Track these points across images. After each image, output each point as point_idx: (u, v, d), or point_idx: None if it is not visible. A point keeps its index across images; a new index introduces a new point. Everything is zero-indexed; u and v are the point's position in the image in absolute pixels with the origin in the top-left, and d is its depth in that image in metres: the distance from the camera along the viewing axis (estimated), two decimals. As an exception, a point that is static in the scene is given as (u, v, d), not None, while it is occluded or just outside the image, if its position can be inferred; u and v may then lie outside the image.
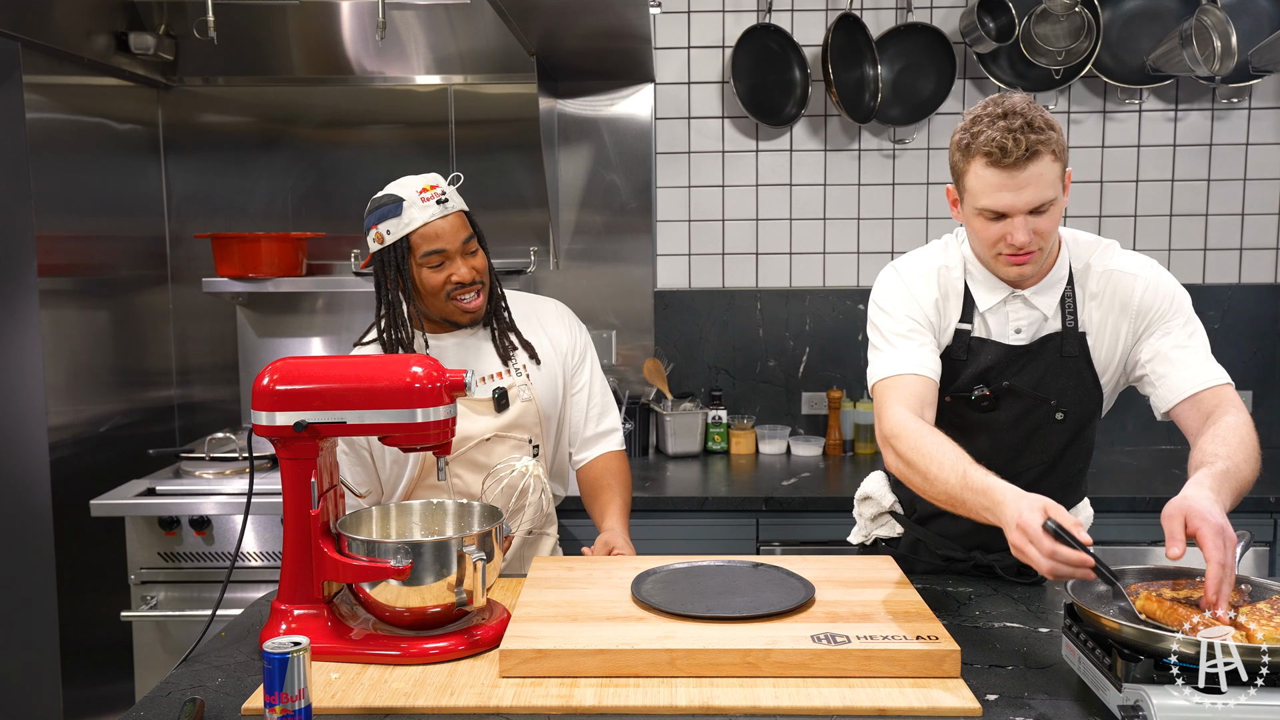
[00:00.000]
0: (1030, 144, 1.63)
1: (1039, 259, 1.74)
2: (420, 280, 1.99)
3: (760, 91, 3.36)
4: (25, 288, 2.75)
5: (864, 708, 1.37)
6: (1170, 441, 3.42)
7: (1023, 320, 1.83)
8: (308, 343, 3.48)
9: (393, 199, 1.99)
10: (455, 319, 2.03)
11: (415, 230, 1.96)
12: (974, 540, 1.94)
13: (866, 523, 2.11)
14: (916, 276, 1.87)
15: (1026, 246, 1.69)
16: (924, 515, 2.00)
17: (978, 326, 1.85)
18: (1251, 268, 3.42)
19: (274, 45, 3.32)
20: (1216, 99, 3.36)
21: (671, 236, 3.49)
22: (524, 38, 2.88)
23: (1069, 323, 1.82)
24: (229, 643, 1.68)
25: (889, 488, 2.08)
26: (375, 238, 2.00)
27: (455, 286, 1.99)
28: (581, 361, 2.21)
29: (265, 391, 1.57)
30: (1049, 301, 1.82)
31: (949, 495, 1.60)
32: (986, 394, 1.83)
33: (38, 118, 2.78)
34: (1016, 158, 1.63)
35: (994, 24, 3.23)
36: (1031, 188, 1.65)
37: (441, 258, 1.97)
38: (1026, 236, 1.68)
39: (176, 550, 2.78)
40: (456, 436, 1.93)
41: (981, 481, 1.55)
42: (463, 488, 2.03)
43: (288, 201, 3.43)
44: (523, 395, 2.06)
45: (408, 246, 1.97)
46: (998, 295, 1.83)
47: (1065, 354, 1.82)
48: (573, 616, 1.60)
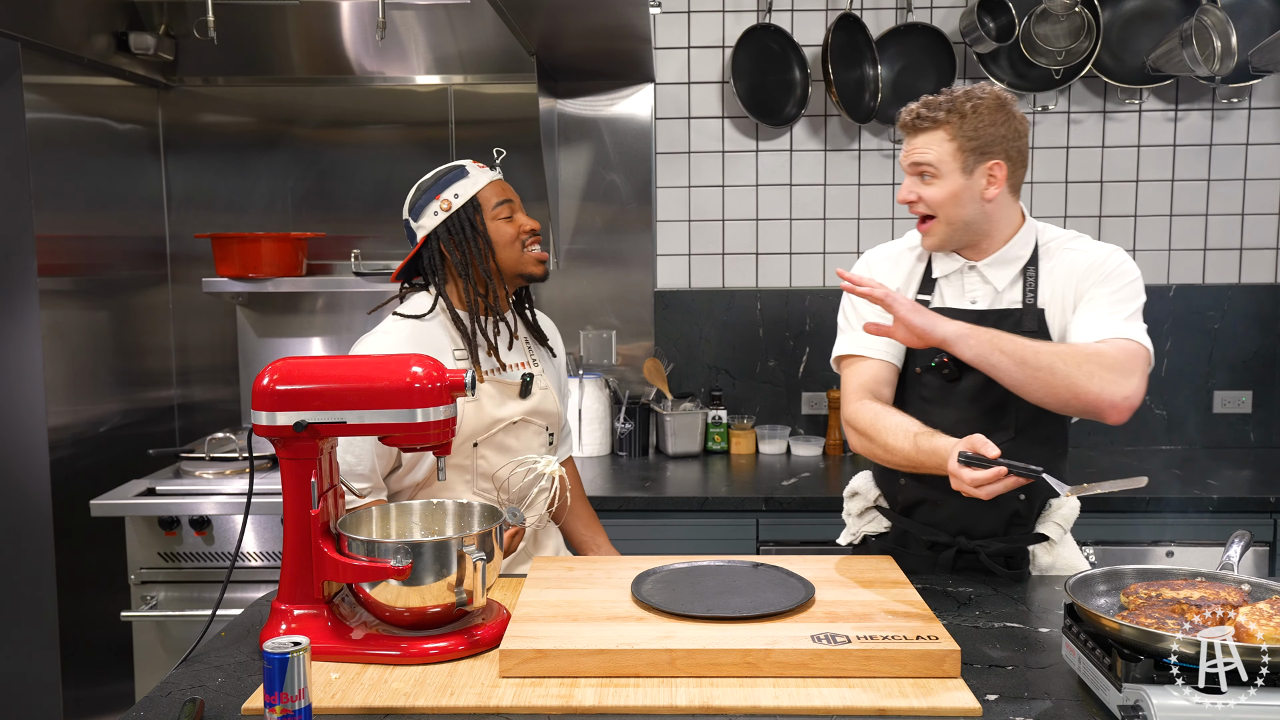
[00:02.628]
0: (916, 114, 1.89)
1: (938, 231, 1.92)
2: (494, 233, 2.08)
3: (760, 91, 3.36)
4: (25, 288, 2.75)
5: (864, 708, 1.37)
6: (1170, 441, 3.42)
7: (977, 292, 1.95)
8: (308, 343, 3.48)
9: (455, 167, 2.11)
10: (530, 270, 2.12)
11: (484, 187, 2.08)
12: (956, 526, 1.97)
13: (854, 520, 2.14)
14: (880, 261, 2.05)
15: (911, 205, 1.92)
16: (906, 505, 2.03)
17: (936, 298, 1.98)
18: (1251, 268, 3.42)
19: (274, 45, 3.32)
20: (1216, 99, 3.36)
21: (671, 236, 3.49)
22: (524, 38, 2.88)
23: (1029, 299, 1.92)
24: (229, 643, 1.68)
25: (874, 483, 2.12)
26: (441, 205, 2.06)
27: (528, 234, 2.10)
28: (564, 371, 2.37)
29: (265, 391, 1.57)
30: (1002, 276, 1.94)
31: (908, 460, 1.80)
32: (945, 360, 1.90)
33: (38, 118, 2.78)
34: (905, 124, 1.92)
35: (994, 24, 3.23)
36: (916, 153, 1.89)
37: (511, 209, 2.10)
38: (905, 193, 1.92)
39: (176, 550, 2.78)
40: (487, 419, 2.03)
41: (929, 443, 1.75)
42: (487, 469, 2.06)
43: (288, 201, 3.43)
44: (541, 384, 2.15)
45: (477, 205, 2.07)
46: (953, 265, 1.97)
47: (1025, 329, 1.88)
48: (573, 616, 1.60)
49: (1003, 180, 1.88)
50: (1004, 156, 1.87)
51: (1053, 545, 1.97)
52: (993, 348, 1.73)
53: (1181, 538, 2.79)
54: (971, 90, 1.89)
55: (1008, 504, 1.91)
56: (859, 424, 1.90)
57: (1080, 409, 1.77)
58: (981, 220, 1.90)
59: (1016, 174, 1.91)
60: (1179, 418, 3.41)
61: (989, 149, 1.86)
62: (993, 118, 1.86)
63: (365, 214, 3.41)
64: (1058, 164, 3.41)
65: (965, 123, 1.85)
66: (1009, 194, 1.91)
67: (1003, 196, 1.90)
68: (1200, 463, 3.20)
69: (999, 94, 1.90)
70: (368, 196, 3.42)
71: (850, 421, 1.93)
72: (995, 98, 1.89)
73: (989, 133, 1.86)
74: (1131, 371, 1.75)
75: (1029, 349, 1.74)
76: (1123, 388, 1.73)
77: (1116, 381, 1.73)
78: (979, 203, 1.88)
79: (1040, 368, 1.72)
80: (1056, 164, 3.41)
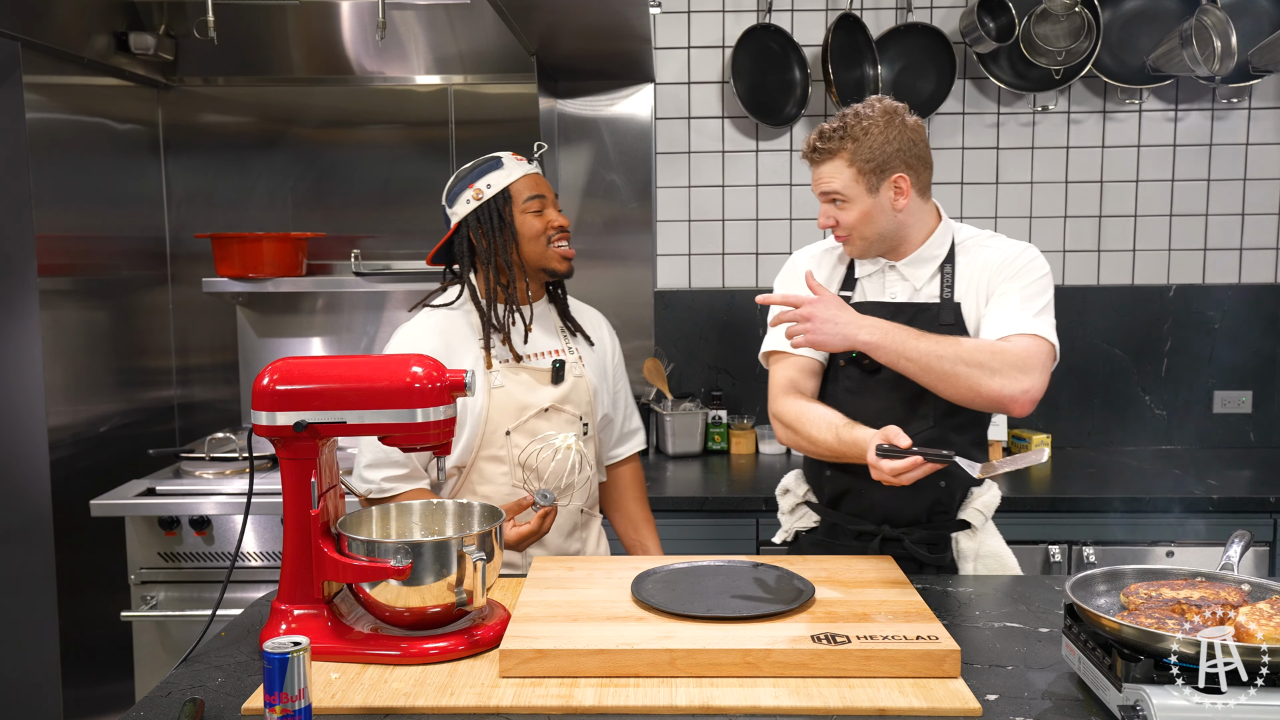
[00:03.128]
0: (816, 148, 1.97)
1: (856, 244, 2.00)
2: (522, 226, 2.09)
3: (760, 91, 3.36)
4: (25, 288, 2.75)
5: (864, 708, 1.37)
6: (1170, 441, 3.42)
7: (896, 288, 2.03)
8: (308, 343, 3.48)
9: (492, 158, 2.12)
10: (554, 266, 2.14)
11: (516, 180, 2.10)
12: (880, 515, 2.02)
13: (786, 518, 2.19)
14: (805, 260, 2.13)
15: (830, 229, 1.99)
16: (833, 496, 2.08)
17: (858, 294, 2.06)
18: (1251, 268, 3.42)
19: (274, 45, 3.32)
20: (1216, 99, 3.36)
21: (671, 236, 3.49)
22: (524, 38, 2.88)
23: (946, 294, 2.00)
24: (229, 643, 1.68)
25: (802, 479, 2.18)
26: (473, 195, 2.09)
27: (556, 231, 2.12)
28: (620, 366, 2.35)
29: (265, 391, 1.57)
30: (920, 274, 2.02)
31: (832, 451, 1.89)
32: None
33: (38, 118, 2.78)
34: (809, 154, 1.99)
35: (994, 24, 3.23)
36: (823, 182, 1.97)
37: (541, 204, 2.11)
38: (823, 219, 1.99)
39: (176, 550, 2.78)
40: (517, 406, 2.05)
41: (850, 434, 1.84)
42: (520, 456, 2.07)
43: (288, 201, 3.43)
44: (575, 371, 2.16)
45: (508, 197, 2.09)
46: (875, 266, 2.06)
47: (943, 322, 1.97)
48: (573, 616, 1.60)
49: (909, 190, 1.95)
50: (905, 168, 1.94)
51: (975, 532, 2.04)
52: (900, 355, 1.84)
53: (1181, 538, 2.79)
54: (860, 111, 1.95)
55: (929, 492, 1.98)
56: (785, 417, 1.99)
57: (985, 405, 1.86)
58: (896, 229, 1.98)
59: (922, 178, 1.98)
60: (1179, 418, 3.41)
61: (888, 165, 1.93)
62: (885, 135, 1.92)
63: (365, 214, 3.41)
64: (1058, 164, 3.41)
65: (859, 147, 1.92)
66: (918, 199, 1.99)
67: (913, 203, 1.97)
68: (1200, 463, 3.20)
69: (888, 107, 1.96)
70: (368, 196, 3.41)
71: (777, 415, 2.02)
72: (884, 113, 1.94)
73: (884, 151, 1.92)
74: (1032, 367, 1.84)
75: (933, 354, 1.82)
76: (1021, 383, 1.82)
77: (1016, 378, 1.82)
78: (890, 214, 1.96)
79: (944, 373, 1.82)
80: (1056, 164, 3.41)
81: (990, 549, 2.05)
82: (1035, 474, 3.08)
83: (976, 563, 2.03)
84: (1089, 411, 3.42)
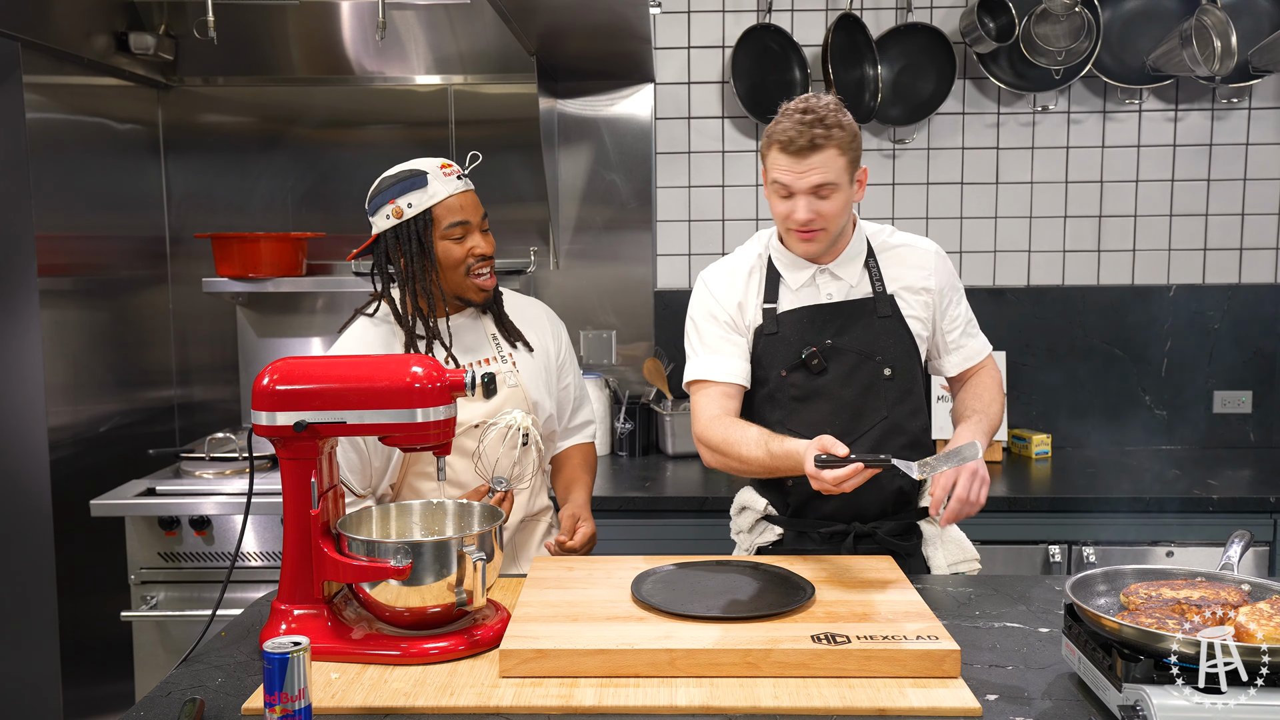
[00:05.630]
0: (814, 137, 1.88)
1: (824, 239, 1.96)
2: (442, 253, 2.00)
3: (760, 91, 3.36)
4: (25, 288, 2.75)
5: (864, 708, 1.37)
6: (1170, 441, 3.42)
7: (832, 288, 2.04)
8: (308, 343, 3.48)
9: (415, 172, 2.00)
10: (470, 295, 2.05)
11: (440, 202, 1.99)
12: (850, 513, 2.03)
13: (746, 536, 2.15)
14: (718, 281, 2.09)
15: (809, 225, 1.92)
16: (798, 505, 2.07)
17: (786, 301, 2.04)
18: (1251, 268, 3.42)
19: (274, 45, 3.32)
20: (1216, 99, 3.36)
21: (671, 236, 3.49)
22: (524, 38, 2.88)
23: (878, 287, 2.04)
24: (229, 643, 1.68)
25: (757, 493, 2.14)
26: (393, 212, 1.99)
27: (476, 260, 2.02)
28: (566, 361, 2.26)
29: (265, 391, 1.57)
30: (851, 271, 2.04)
31: (764, 467, 1.89)
32: (814, 350, 1.98)
33: (38, 118, 2.78)
34: (801, 145, 1.88)
35: (994, 24, 3.23)
36: (814, 172, 1.89)
37: (464, 230, 2.00)
38: (807, 214, 1.91)
39: (176, 550, 2.78)
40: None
41: (780, 448, 1.84)
42: (453, 477, 2.02)
43: (288, 201, 3.43)
44: (509, 381, 2.08)
45: (429, 220, 1.99)
46: (805, 273, 2.04)
47: (880, 314, 2.02)
48: (573, 616, 1.60)
49: (864, 183, 1.99)
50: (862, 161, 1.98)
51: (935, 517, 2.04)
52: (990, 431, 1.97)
53: (1181, 538, 2.79)
54: (826, 101, 1.93)
55: (891, 483, 2.01)
56: (712, 441, 1.97)
57: None
58: (846, 224, 2.02)
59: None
60: (1179, 418, 3.41)
61: (858, 157, 1.96)
62: (853, 126, 1.94)
63: (365, 214, 3.40)
64: (1058, 164, 3.41)
65: (846, 135, 1.91)
66: None
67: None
68: (1200, 463, 3.20)
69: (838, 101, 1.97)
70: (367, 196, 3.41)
71: (703, 439, 2.00)
72: (840, 105, 1.95)
73: (857, 141, 1.95)
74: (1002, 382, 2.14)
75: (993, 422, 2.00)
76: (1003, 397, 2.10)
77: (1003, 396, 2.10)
78: (850, 208, 2.00)
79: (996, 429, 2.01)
80: (1056, 164, 3.41)
81: (951, 535, 2.08)
82: (1035, 474, 3.08)
83: (943, 548, 2.06)
84: (1089, 411, 3.42)
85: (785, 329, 2.03)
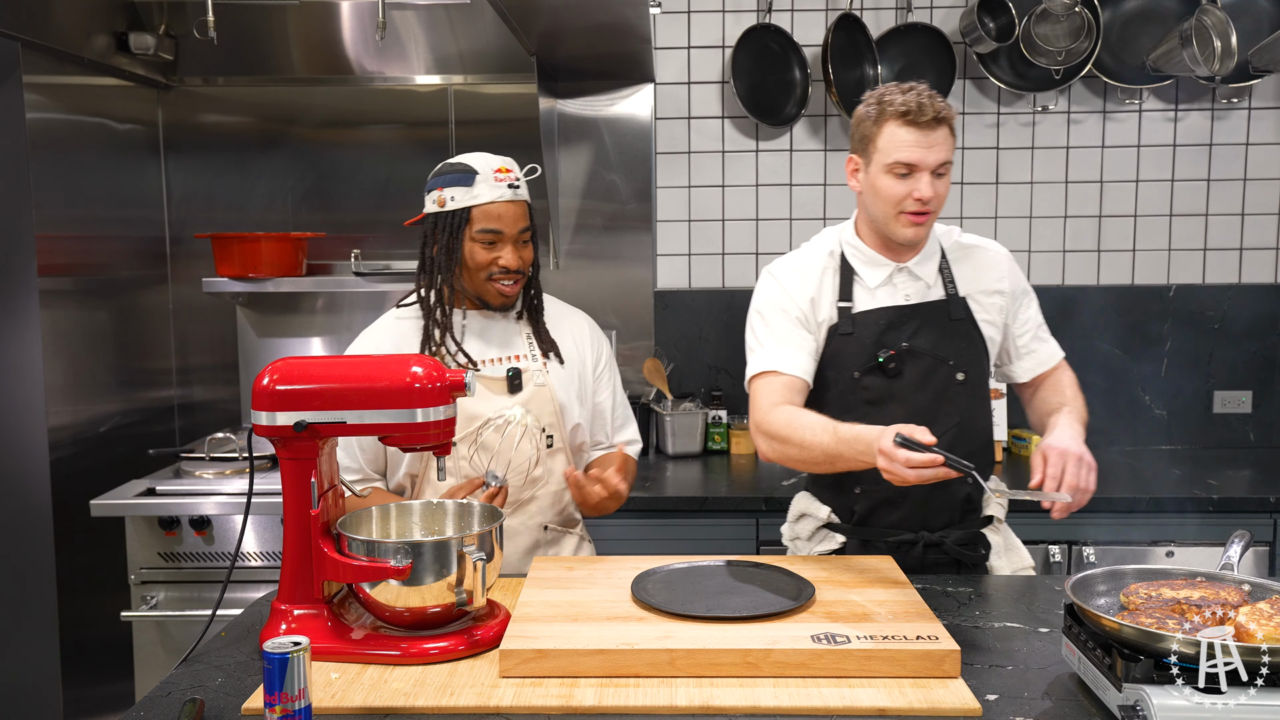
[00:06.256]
0: (939, 109, 1.85)
1: (930, 223, 1.94)
2: (468, 254, 2.01)
3: (760, 91, 3.36)
4: (25, 288, 2.75)
5: (864, 708, 1.37)
6: (1170, 441, 3.42)
7: (909, 289, 2.00)
8: (308, 343, 3.48)
9: (467, 169, 2.01)
10: (489, 299, 2.05)
11: (479, 205, 1.99)
12: (917, 521, 2.00)
13: (804, 544, 2.11)
14: (789, 276, 2.03)
15: (928, 204, 1.88)
16: (864, 514, 2.03)
17: (862, 301, 2.00)
18: (1251, 268, 3.42)
19: (274, 45, 3.32)
20: (1216, 99, 3.36)
21: (671, 236, 3.49)
22: (524, 38, 2.88)
23: (950, 290, 2.01)
24: (229, 643, 1.68)
25: (819, 501, 2.10)
26: (436, 200, 2.02)
27: (500, 271, 2.01)
28: (604, 374, 2.23)
29: (265, 391, 1.57)
30: (929, 271, 2.01)
31: (826, 453, 1.79)
32: (892, 354, 1.94)
33: (38, 118, 2.78)
34: (931, 117, 1.84)
35: (994, 24, 3.23)
36: (938, 148, 1.86)
37: (495, 238, 2.00)
38: (930, 192, 1.87)
39: (176, 550, 2.78)
40: (468, 415, 1.97)
41: (850, 431, 1.76)
42: (470, 472, 2.01)
43: (288, 201, 3.44)
44: (536, 380, 2.07)
45: (466, 218, 2.00)
46: (884, 271, 2.00)
47: (954, 317, 2.00)
48: (573, 616, 1.60)
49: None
50: None
51: (999, 525, 2.06)
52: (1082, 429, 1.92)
53: (1181, 538, 2.79)
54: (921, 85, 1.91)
55: (959, 490, 1.99)
56: (773, 428, 1.88)
57: None
58: None
59: None
60: (1179, 418, 3.41)
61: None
62: None
63: (365, 214, 3.41)
64: (1058, 164, 3.41)
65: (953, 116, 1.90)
66: None
67: None
68: (1200, 463, 3.19)
69: None
70: (368, 196, 3.42)
71: (762, 427, 1.91)
72: None
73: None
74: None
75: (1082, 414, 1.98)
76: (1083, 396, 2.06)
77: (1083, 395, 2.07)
78: None
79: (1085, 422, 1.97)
80: (1056, 164, 3.41)
81: (1013, 542, 2.07)
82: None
83: (1007, 556, 2.04)
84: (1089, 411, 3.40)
85: (861, 329, 1.97)
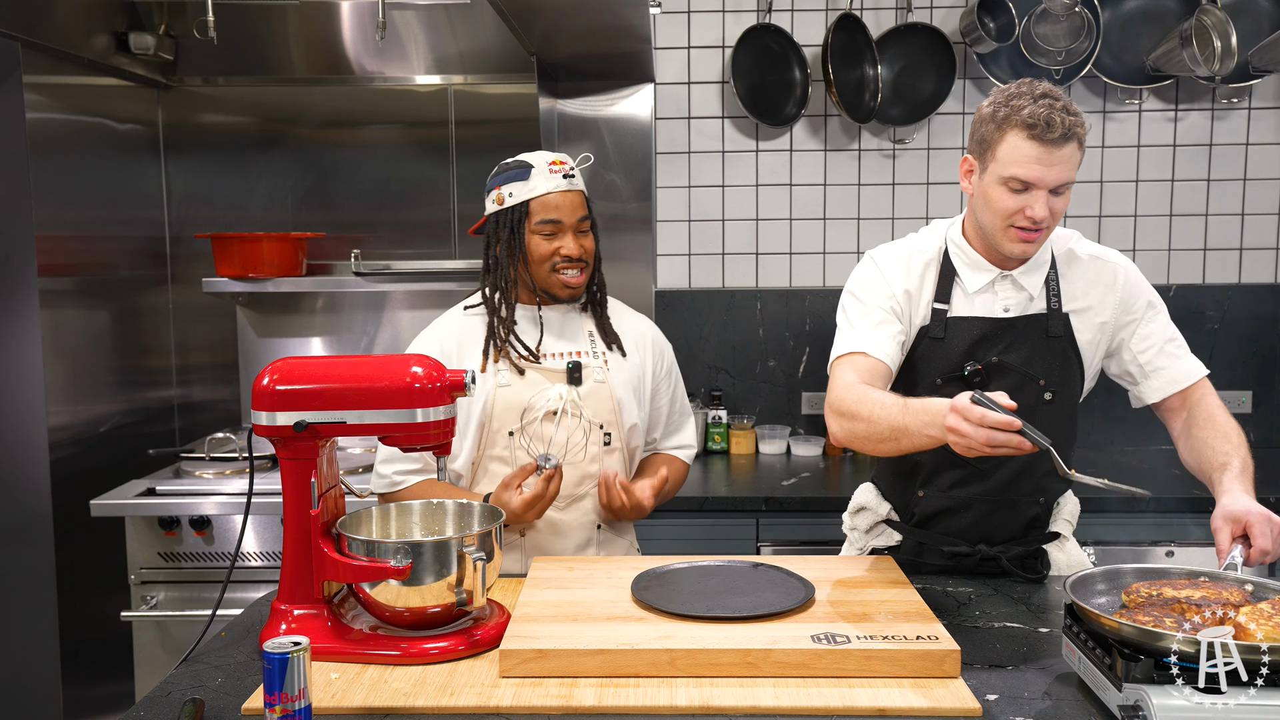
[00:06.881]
0: (1069, 125, 1.70)
1: (1042, 240, 1.81)
2: (530, 247, 2.04)
3: (760, 91, 3.36)
4: (25, 288, 2.75)
5: (864, 708, 1.37)
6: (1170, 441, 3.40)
7: (1010, 300, 1.89)
8: (308, 343, 3.48)
9: (522, 164, 2.06)
10: (555, 291, 2.07)
11: (537, 197, 2.02)
12: (977, 534, 1.95)
13: (861, 535, 2.09)
14: (891, 264, 1.93)
15: (1042, 223, 1.75)
16: (924, 517, 1.99)
17: (959, 306, 1.90)
18: (1251, 268, 3.42)
19: (274, 45, 3.32)
20: (1216, 99, 3.36)
21: (671, 236, 3.49)
22: (524, 38, 2.88)
23: (1054, 304, 1.89)
24: (229, 643, 1.68)
25: (881, 496, 2.08)
26: (496, 199, 2.06)
27: (562, 260, 2.03)
28: (663, 383, 2.22)
29: (265, 391, 1.57)
30: (1035, 281, 1.89)
31: (892, 426, 1.65)
32: (979, 368, 1.86)
33: (38, 118, 2.78)
34: (1059, 134, 1.69)
35: (994, 24, 3.23)
36: (1061, 166, 1.71)
37: (555, 228, 2.02)
38: (1045, 212, 1.74)
39: (176, 550, 2.78)
40: (523, 405, 1.99)
41: (920, 403, 1.63)
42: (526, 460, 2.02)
43: (288, 201, 3.43)
44: (596, 376, 2.08)
45: (525, 211, 2.03)
46: (986, 276, 1.89)
47: (1051, 334, 1.88)
48: (573, 616, 1.60)
49: None
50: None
51: (1064, 542, 2.00)
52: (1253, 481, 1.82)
53: (1181, 538, 2.79)
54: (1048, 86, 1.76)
55: (1027, 509, 1.94)
56: (844, 404, 1.75)
57: None
58: None
59: None
60: (1179, 418, 3.40)
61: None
62: None
63: (365, 214, 3.41)
64: (1058, 164, 3.41)
65: (1085, 128, 1.75)
66: None
67: None
68: (1200, 463, 3.19)
69: None
70: (368, 196, 3.41)
71: (834, 405, 1.78)
72: None
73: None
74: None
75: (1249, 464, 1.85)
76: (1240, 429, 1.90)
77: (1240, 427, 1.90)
78: None
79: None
80: (1056, 164, 3.41)
81: (1075, 558, 2.00)
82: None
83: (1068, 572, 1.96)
84: (1089, 412, 3.39)
85: (952, 337, 1.89)
